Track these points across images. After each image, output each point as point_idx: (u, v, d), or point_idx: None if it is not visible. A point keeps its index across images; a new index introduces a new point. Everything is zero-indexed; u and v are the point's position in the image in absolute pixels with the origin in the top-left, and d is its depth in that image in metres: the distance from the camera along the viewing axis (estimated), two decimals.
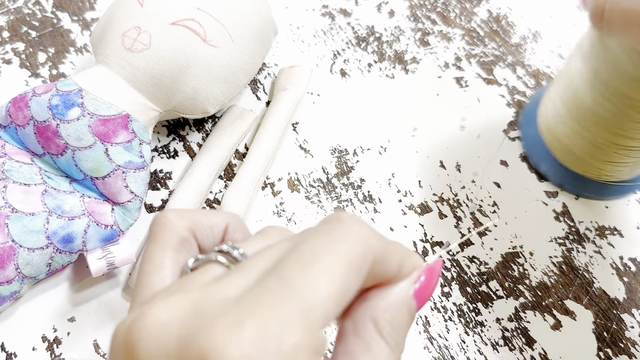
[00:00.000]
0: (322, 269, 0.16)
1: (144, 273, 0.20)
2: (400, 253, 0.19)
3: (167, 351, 0.15)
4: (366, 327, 0.18)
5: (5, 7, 0.45)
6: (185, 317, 0.16)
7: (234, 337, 0.14)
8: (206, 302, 0.16)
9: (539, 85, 0.45)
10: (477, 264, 0.36)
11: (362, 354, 0.18)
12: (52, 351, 0.32)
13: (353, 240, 0.17)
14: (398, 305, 0.19)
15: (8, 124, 0.34)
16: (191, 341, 0.15)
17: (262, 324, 0.15)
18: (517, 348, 0.34)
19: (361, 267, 0.17)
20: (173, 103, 0.35)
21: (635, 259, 0.37)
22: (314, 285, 0.16)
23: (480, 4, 0.49)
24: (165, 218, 0.21)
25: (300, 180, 0.39)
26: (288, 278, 0.16)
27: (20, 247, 0.30)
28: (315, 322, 0.15)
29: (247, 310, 0.15)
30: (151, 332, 0.16)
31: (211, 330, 0.15)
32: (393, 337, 0.18)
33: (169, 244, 0.20)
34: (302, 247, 0.17)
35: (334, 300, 0.16)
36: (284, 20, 0.47)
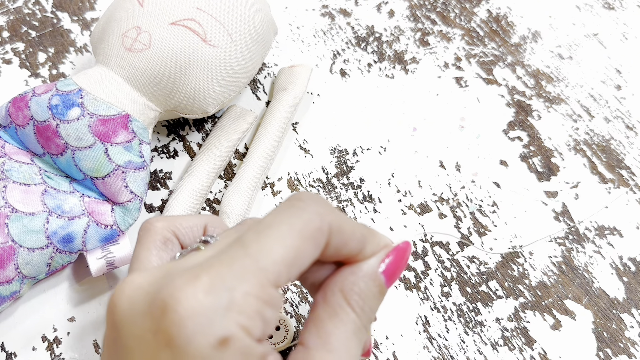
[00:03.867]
0: (276, 236, 0.18)
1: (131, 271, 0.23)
2: (362, 232, 0.21)
3: (138, 307, 0.17)
4: (334, 296, 0.20)
5: (5, 7, 0.45)
6: (155, 280, 0.18)
7: (191, 288, 0.16)
8: (175, 268, 0.18)
9: (539, 85, 0.45)
10: (477, 263, 0.37)
11: (329, 319, 0.20)
12: (52, 351, 0.32)
13: (308, 215, 0.19)
14: (366, 278, 0.21)
15: (8, 124, 0.34)
16: (156, 295, 0.17)
17: (216, 277, 0.17)
18: (517, 348, 0.34)
19: (315, 237, 0.18)
20: (173, 103, 0.35)
21: (635, 259, 0.37)
22: (268, 249, 0.17)
23: (480, 4, 0.49)
24: (149, 223, 0.24)
25: (300, 180, 0.39)
26: (245, 243, 0.18)
27: (20, 247, 0.30)
28: (267, 278, 0.17)
29: (205, 267, 0.17)
30: (126, 293, 0.18)
31: (172, 284, 0.17)
32: (360, 305, 0.20)
33: (153, 244, 0.23)
34: (262, 220, 0.19)
35: (286, 263, 0.17)
36: (284, 20, 0.47)
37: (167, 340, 0.16)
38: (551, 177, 0.40)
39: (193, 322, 0.16)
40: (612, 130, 0.43)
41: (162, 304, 0.16)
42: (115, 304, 0.18)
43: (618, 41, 0.47)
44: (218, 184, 0.38)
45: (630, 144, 0.42)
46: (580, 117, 0.43)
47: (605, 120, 0.43)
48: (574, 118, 0.43)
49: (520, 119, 0.43)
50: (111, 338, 0.18)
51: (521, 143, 0.42)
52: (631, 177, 0.41)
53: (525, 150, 0.41)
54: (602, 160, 0.41)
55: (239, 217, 0.35)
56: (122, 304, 0.18)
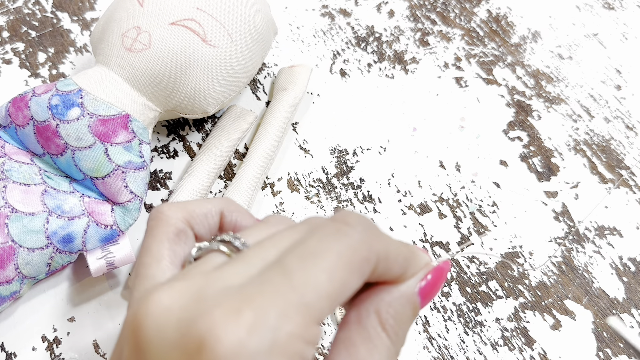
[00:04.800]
0: (323, 267, 0.16)
1: (143, 265, 0.20)
2: (405, 255, 0.20)
3: (167, 335, 0.15)
4: (369, 318, 0.19)
5: (5, 7, 0.45)
6: (186, 302, 0.16)
7: (232, 324, 0.15)
8: (207, 289, 0.16)
9: (539, 85, 0.45)
10: (477, 263, 0.37)
11: (362, 343, 0.18)
12: (52, 351, 0.32)
13: (358, 244, 0.17)
14: (402, 300, 0.19)
15: (8, 124, 0.34)
16: (190, 326, 0.15)
17: (260, 313, 0.15)
18: (517, 348, 0.34)
19: (362, 269, 0.17)
20: (173, 103, 0.35)
21: (634, 259, 0.37)
22: (314, 281, 0.16)
23: (480, 4, 0.49)
24: (160, 212, 0.21)
25: (300, 180, 0.39)
26: (289, 271, 0.16)
27: (20, 247, 0.30)
28: (312, 316, 0.16)
29: (246, 298, 0.15)
30: (153, 316, 0.16)
31: (210, 316, 0.15)
32: (395, 330, 0.19)
33: (166, 236, 0.21)
34: (307, 243, 0.17)
35: (331, 298, 0.16)
36: (284, 20, 0.47)
37: None
38: (551, 177, 0.40)
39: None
40: (612, 130, 0.43)
41: (199, 339, 0.15)
42: (141, 326, 0.16)
43: (618, 41, 0.47)
44: (218, 184, 0.38)
45: (630, 144, 0.42)
46: (580, 117, 0.43)
47: (605, 120, 0.43)
48: (574, 118, 0.43)
49: (520, 119, 0.43)
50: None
51: (521, 143, 0.42)
52: (631, 177, 0.41)
53: (525, 150, 0.41)
54: (602, 160, 0.41)
55: None
56: (149, 328, 0.16)
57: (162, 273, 0.20)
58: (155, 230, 0.21)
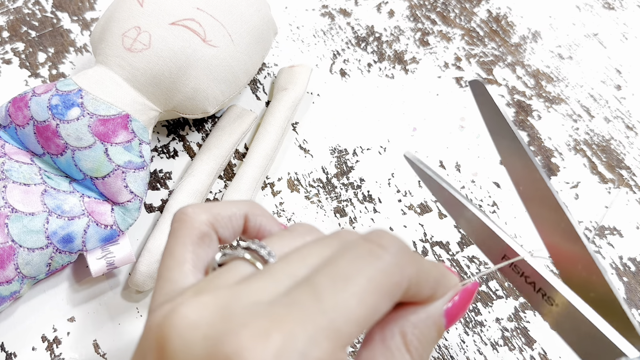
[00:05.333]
0: (354, 291, 0.16)
1: (165, 268, 0.20)
2: (435, 278, 0.19)
3: (194, 352, 0.15)
4: (394, 339, 0.19)
5: (5, 7, 0.45)
6: (213, 318, 0.16)
7: (260, 347, 0.14)
8: (234, 305, 0.16)
9: (539, 85, 0.45)
10: (477, 264, 0.36)
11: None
12: (52, 351, 0.32)
13: (390, 268, 0.17)
14: (428, 322, 0.19)
15: (8, 124, 0.34)
16: (217, 345, 0.15)
17: (289, 337, 0.15)
18: (517, 348, 0.34)
19: (392, 293, 0.17)
20: (173, 103, 0.35)
21: (635, 259, 0.37)
22: (345, 306, 0.16)
23: (480, 4, 0.49)
24: (185, 214, 0.21)
25: (300, 180, 0.39)
26: (319, 294, 0.16)
27: (20, 247, 0.30)
28: (340, 341, 0.15)
29: (275, 320, 0.15)
30: (180, 331, 0.16)
31: (238, 336, 0.15)
32: (419, 352, 0.19)
33: (190, 239, 0.21)
34: (337, 264, 0.17)
35: (360, 323, 0.16)
36: (284, 20, 0.47)
37: None
38: (551, 177, 0.40)
39: None
40: (612, 130, 0.43)
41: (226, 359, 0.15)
42: (167, 341, 0.16)
43: (618, 41, 0.47)
44: (218, 184, 0.38)
45: (630, 144, 0.42)
46: (580, 117, 0.43)
47: (606, 120, 0.43)
48: (574, 118, 0.43)
49: (520, 119, 0.43)
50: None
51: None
52: (631, 177, 0.41)
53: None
54: (602, 160, 0.41)
55: None
56: (175, 343, 0.16)
57: (185, 277, 0.20)
58: (179, 232, 0.21)
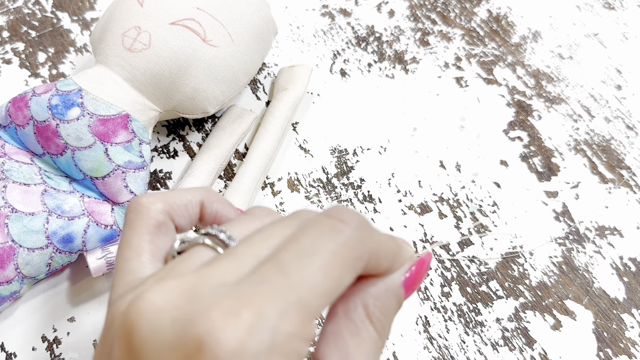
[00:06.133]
0: (319, 265, 0.16)
1: (123, 259, 0.20)
2: (393, 250, 0.20)
3: (163, 337, 0.15)
4: (357, 311, 0.19)
5: (5, 7, 0.45)
6: (179, 302, 0.16)
7: (231, 325, 0.15)
8: (201, 288, 0.16)
9: (539, 85, 0.45)
10: (477, 264, 0.36)
11: (351, 337, 0.19)
12: (52, 351, 0.32)
13: (352, 242, 0.17)
14: (388, 293, 0.20)
15: (8, 124, 0.34)
16: (187, 327, 0.15)
17: (259, 314, 0.15)
18: (517, 348, 0.34)
19: (355, 266, 0.17)
20: (173, 103, 0.35)
21: (635, 259, 0.37)
22: (311, 280, 0.16)
23: (480, 4, 0.49)
24: (139, 204, 0.21)
25: (300, 180, 0.39)
26: (286, 269, 0.16)
27: (20, 247, 0.30)
28: (309, 314, 0.16)
29: (244, 298, 0.15)
30: (147, 317, 0.16)
31: (208, 317, 0.15)
32: (381, 322, 0.19)
33: (146, 228, 0.20)
34: (302, 240, 0.17)
35: (327, 296, 0.16)
36: (284, 20, 0.47)
37: None
38: (551, 177, 0.40)
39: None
40: (612, 130, 0.43)
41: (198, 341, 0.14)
42: (134, 328, 0.16)
43: (618, 41, 0.47)
44: (218, 184, 0.38)
45: (631, 144, 0.42)
46: (580, 117, 0.43)
47: (606, 120, 0.43)
48: (574, 118, 0.43)
49: (520, 119, 0.43)
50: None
51: (521, 143, 0.42)
52: (631, 177, 0.40)
53: (526, 150, 0.41)
54: (603, 160, 0.41)
55: None
56: (143, 329, 0.16)
57: (143, 267, 0.20)
58: (135, 223, 0.21)
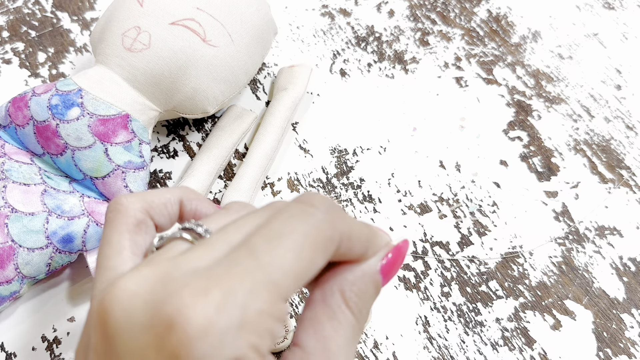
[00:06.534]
0: (289, 247, 0.17)
1: (104, 256, 0.20)
2: (367, 235, 0.20)
3: (136, 319, 0.16)
4: (334, 296, 0.19)
5: (5, 7, 0.45)
6: (153, 286, 0.16)
7: (201, 303, 0.15)
8: (174, 272, 0.16)
9: (539, 85, 0.45)
10: (477, 264, 0.36)
11: (328, 321, 0.19)
12: (52, 351, 0.32)
13: (322, 224, 0.18)
14: (365, 278, 0.20)
15: (8, 124, 0.34)
16: (159, 308, 0.15)
17: (228, 292, 0.15)
18: (517, 348, 0.34)
19: (326, 248, 0.18)
20: (173, 103, 0.35)
21: (635, 259, 0.37)
22: (281, 260, 0.16)
23: (480, 4, 0.49)
24: (119, 203, 0.22)
25: (300, 180, 0.39)
26: (256, 251, 0.16)
27: (19, 247, 0.30)
28: (279, 293, 0.16)
29: (214, 278, 0.16)
30: (120, 301, 0.16)
31: (178, 296, 0.15)
32: (358, 307, 0.20)
33: (126, 226, 0.21)
34: (272, 224, 0.17)
35: (297, 276, 0.17)
36: (284, 20, 0.47)
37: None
38: (551, 177, 0.40)
39: (204, 343, 0.15)
40: (612, 130, 0.43)
41: (169, 320, 0.15)
42: (108, 313, 0.16)
43: (618, 41, 0.47)
44: (218, 184, 0.38)
45: (631, 144, 0.42)
46: (580, 117, 0.43)
47: (606, 120, 0.43)
48: (574, 118, 0.43)
49: (520, 119, 0.43)
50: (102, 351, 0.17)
51: (521, 143, 0.42)
52: (631, 177, 0.40)
53: (525, 150, 0.41)
54: (602, 160, 0.41)
55: None
56: (117, 314, 0.16)
57: (124, 264, 0.20)
58: (114, 222, 0.21)
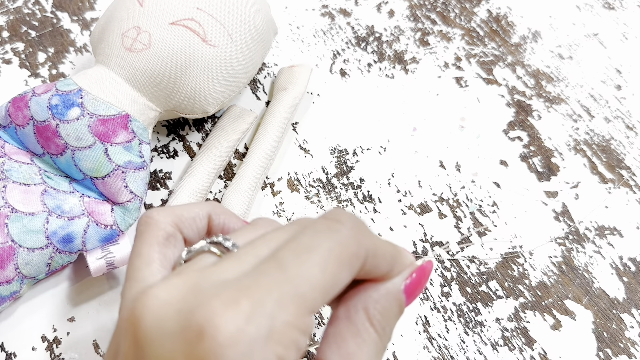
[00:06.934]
0: (316, 261, 0.17)
1: (134, 268, 0.21)
2: (392, 253, 0.21)
3: (167, 326, 0.16)
4: (358, 314, 0.20)
5: (5, 7, 0.45)
6: (184, 295, 0.17)
7: (231, 313, 0.15)
8: (203, 283, 0.17)
9: (539, 85, 0.45)
10: (477, 264, 0.36)
11: (352, 338, 0.19)
12: (52, 351, 0.32)
13: (347, 240, 0.18)
14: (389, 297, 0.20)
15: (8, 124, 0.34)
16: (190, 317, 0.16)
17: (257, 303, 0.16)
18: (517, 348, 0.34)
19: (352, 264, 0.18)
20: (173, 103, 0.35)
21: (635, 259, 0.37)
22: (308, 274, 0.17)
23: (480, 4, 0.49)
24: (149, 217, 0.22)
25: (300, 180, 0.39)
26: (284, 264, 0.17)
27: (19, 247, 0.30)
28: (306, 306, 0.16)
29: (243, 289, 0.16)
30: (151, 309, 0.17)
31: (208, 306, 0.16)
32: (382, 325, 0.20)
33: (155, 239, 0.22)
34: (300, 239, 0.18)
35: (324, 290, 0.17)
36: (284, 20, 0.47)
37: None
38: (551, 177, 0.40)
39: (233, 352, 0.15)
40: (612, 130, 0.43)
41: (199, 328, 0.15)
42: (140, 320, 0.17)
43: (618, 41, 0.47)
44: (218, 184, 0.38)
45: (631, 144, 0.42)
46: (580, 117, 0.43)
47: (606, 120, 0.43)
48: (574, 118, 0.43)
49: (520, 119, 0.43)
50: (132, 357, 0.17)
51: (521, 143, 0.42)
52: (631, 177, 0.41)
53: (525, 150, 0.41)
54: (602, 160, 0.41)
55: None
56: (148, 321, 0.16)
57: (153, 275, 0.20)
58: (145, 235, 0.22)
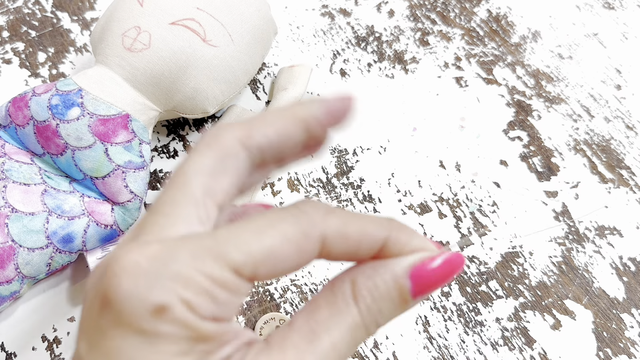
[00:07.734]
0: (251, 229, 0.16)
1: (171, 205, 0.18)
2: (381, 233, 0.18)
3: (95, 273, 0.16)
4: (343, 284, 0.17)
5: (5, 7, 0.45)
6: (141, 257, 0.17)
7: (136, 251, 0.16)
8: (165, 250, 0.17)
9: (539, 85, 0.45)
10: (477, 263, 0.37)
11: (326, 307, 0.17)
12: (52, 351, 0.32)
13: (295, 219, 0.17)
14: (386, 276, 0.17)
15: (8, 124, 0.34)
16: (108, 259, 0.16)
17: (168, 248, 0.16)
18: (517, 348, 0.34)
19: (298, 242, 0.16)
20: (173, 103, 0.35)
21: (634, 258, 0.37)
22: (236, 237, 0.16)
23: (480, 4, 0.49)
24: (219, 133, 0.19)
25: (300, 180, 0.39)
26: (218, 230, 0.16)
27: (20, 246, 0.30)
28: (225, 262, 0.16)
29: (165, 241, 0.16)
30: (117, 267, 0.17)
31: (123, 247, 0.16)
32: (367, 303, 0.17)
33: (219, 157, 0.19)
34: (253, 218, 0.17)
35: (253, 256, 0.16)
36: (284, 20, 0.47)
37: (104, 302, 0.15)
38: (551, 177, 0.40)
39: (128, 283, 0.15)
40: (612, 130, 0.43)
41: (105, 264, 0.16)
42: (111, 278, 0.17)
43: (618, 41, 0.47)
44: None
45: (630, 144, 0.42)
46: (580, 117, 0.43)
47: (606, 120, 0.43)
48: (574, 118, 0.43)
49: (520, 118, 0.43)
50: None
51: (521, 143, 0.42)
52: (631, 177, 0.41)
53: (525, 150, 0.41)
54: (602, 160, 0.41)
55: None
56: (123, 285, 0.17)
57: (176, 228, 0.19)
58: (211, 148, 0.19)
